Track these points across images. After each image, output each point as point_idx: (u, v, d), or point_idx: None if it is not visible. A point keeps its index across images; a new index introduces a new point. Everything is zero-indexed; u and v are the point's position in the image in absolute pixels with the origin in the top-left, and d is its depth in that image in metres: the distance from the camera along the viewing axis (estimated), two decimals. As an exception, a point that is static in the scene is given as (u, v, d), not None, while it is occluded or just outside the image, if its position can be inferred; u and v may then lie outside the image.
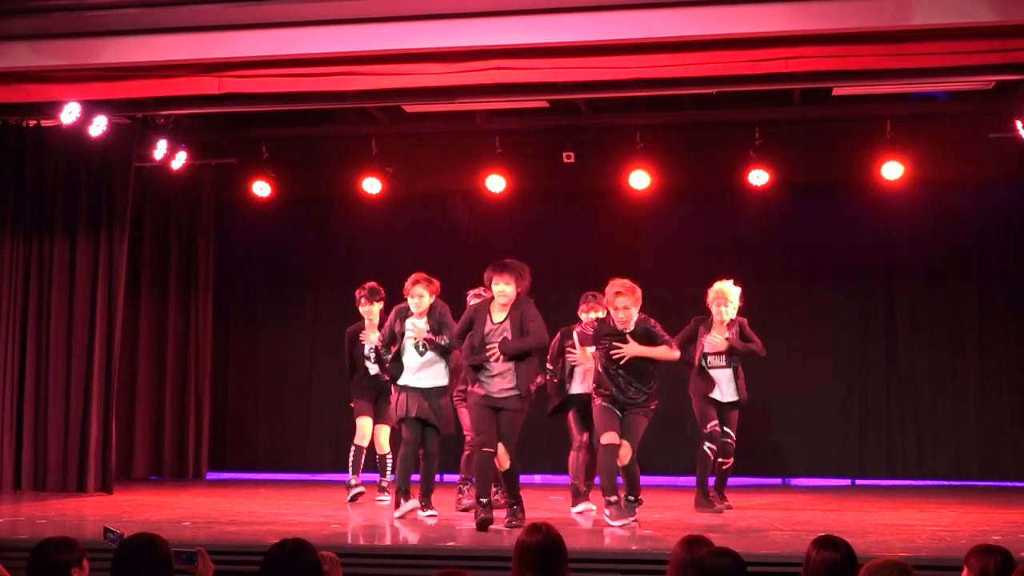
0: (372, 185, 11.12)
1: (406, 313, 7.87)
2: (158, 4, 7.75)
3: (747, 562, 3.80)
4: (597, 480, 7.84)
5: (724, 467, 8.53)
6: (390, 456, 8.98)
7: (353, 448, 9.02)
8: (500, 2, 7.54)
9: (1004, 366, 10.86)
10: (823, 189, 11.14)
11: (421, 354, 7.78)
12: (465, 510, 8.14)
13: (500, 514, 7.39)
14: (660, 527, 7.36)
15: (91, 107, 9.06)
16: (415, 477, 7.91)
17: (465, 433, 8.42)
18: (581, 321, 8.30)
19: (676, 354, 7.71)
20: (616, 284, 7.58)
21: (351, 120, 10.85)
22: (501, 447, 7.29)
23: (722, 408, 8.42)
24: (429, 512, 7.71)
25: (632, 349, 7.51)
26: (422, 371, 7.78)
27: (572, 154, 10.65)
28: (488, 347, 7.28)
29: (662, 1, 7.38)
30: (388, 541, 7.05)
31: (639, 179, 10.65)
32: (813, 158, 10.79)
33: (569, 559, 4.08)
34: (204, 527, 7.35)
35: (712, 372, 8.43)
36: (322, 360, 11.62)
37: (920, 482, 10.79)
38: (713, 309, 8.45)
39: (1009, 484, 10.51)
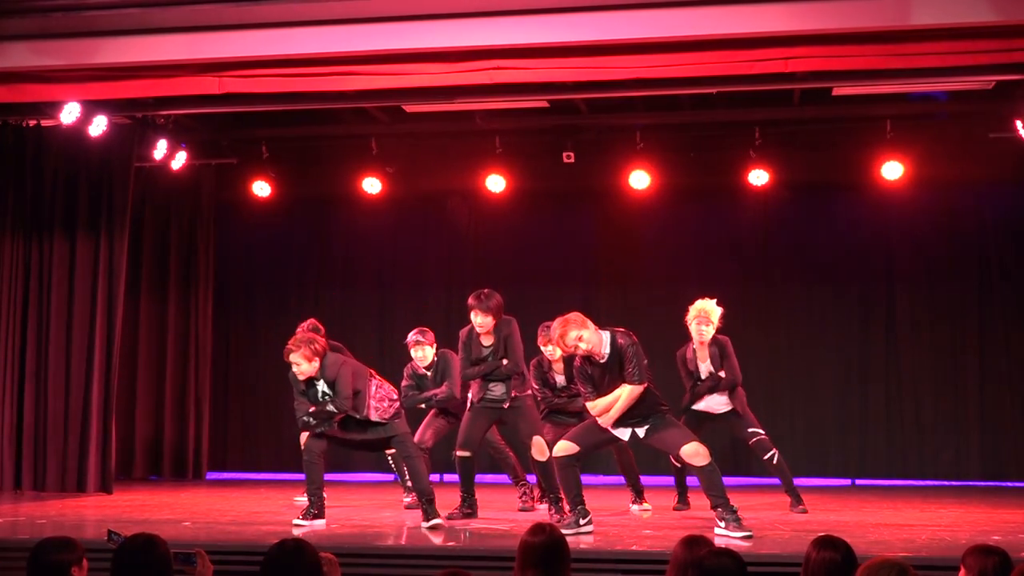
0: (372, 185, 11.11)
1: (295, 379, 7.36)
2: (158, 4, 7.75)
3: (747, 562, 3.80)
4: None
5: (774, 461, 8.18)
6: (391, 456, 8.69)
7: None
8: (500, 2, 7.54)
9: (1004, 366, 10.86)
10: (823, 189, 11.14)
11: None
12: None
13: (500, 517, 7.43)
14: (660, 527, 7.37)
15: (91, 107, 9.06)
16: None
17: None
18: (542, 353, 8.23)
19: (639, 389, 6.76)
20: (554, 325, 6.87)
21: (351, 120, 10.84)
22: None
23: (722, 418, 8.21)
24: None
25: (605, 419, 6.84)
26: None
27: (572, 154, 10.64)
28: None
29: (662, 1, 7.38)
30: (388, 541, 7.05)
31: (639, 179, 10.64)
32: (813, 158, 10.79)
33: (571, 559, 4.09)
34: (204, 527, 7.35)
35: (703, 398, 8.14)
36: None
37: (920, 482, 10.78)
38: (693, 328, 8.04)
39: (1009, 484, 10.50)
